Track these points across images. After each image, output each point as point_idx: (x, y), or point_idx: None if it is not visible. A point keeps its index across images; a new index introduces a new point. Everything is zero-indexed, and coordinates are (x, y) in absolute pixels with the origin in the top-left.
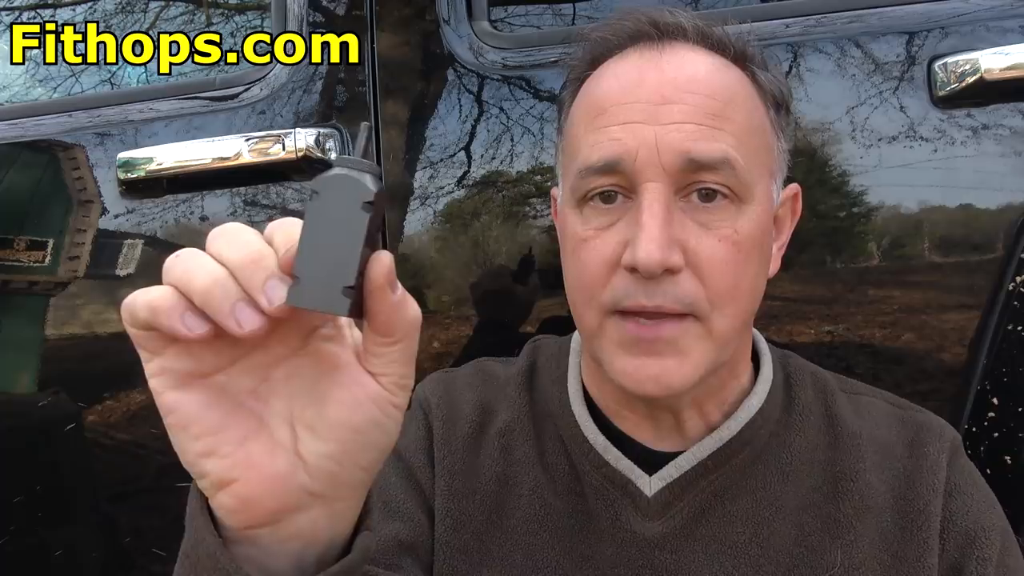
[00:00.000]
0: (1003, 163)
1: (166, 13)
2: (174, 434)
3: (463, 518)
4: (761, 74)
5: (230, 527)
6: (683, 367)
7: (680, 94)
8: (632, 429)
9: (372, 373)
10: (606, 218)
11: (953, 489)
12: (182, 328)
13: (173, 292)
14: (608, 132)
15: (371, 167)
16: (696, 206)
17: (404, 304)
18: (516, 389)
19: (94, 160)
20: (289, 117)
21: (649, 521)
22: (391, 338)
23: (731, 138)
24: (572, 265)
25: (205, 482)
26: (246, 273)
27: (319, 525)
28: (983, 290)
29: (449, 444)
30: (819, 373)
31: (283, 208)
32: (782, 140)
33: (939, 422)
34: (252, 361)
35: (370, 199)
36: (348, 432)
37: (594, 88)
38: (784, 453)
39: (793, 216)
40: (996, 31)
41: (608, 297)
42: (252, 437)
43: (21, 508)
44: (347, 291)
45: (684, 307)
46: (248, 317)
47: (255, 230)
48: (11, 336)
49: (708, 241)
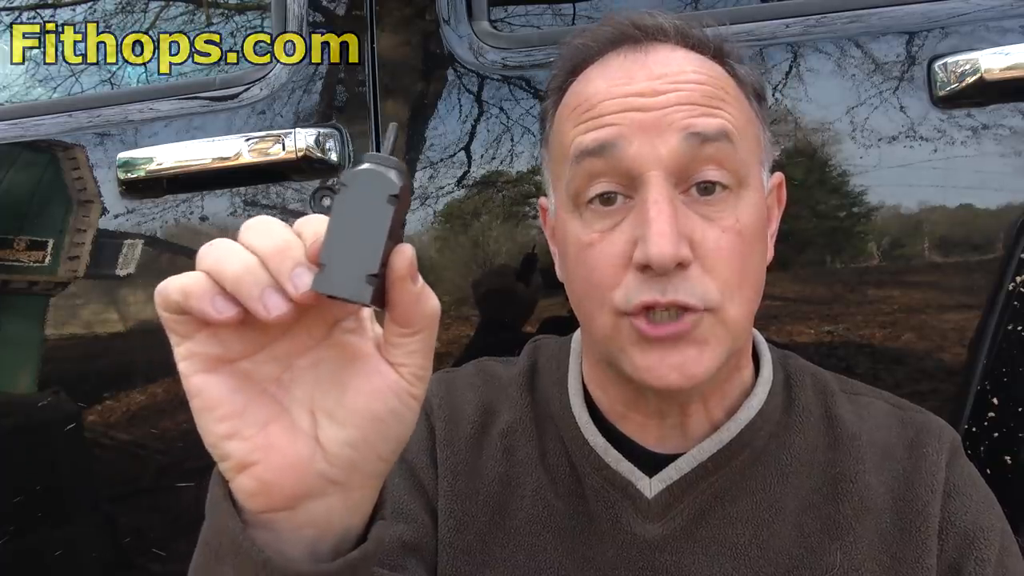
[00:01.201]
0: (1003, 163)
1: (166, 13)
2: (199, 416)
3: (466, 519)
4: (739, 68)
5: (249, 511)
6: (703, 356)
7: (673, 85)
8: (634, 431)
9: (392, 363)
10: (608, 220)
11: (952, 490)
12: (212, 311)
13: (206, 277)
14: (600, 120)
15: (397, 163)
16: (696, 200)
17: (424, 295)
18: (518, 390)
19: (94, 160)
20: (289, 117)
21: (649, 523)
22: (411, 328)
23: (729, 116)
24: (578, 270)
25: (227, 464)
26: (275, 261)
27: (335, 513)
28: (983, 290)
29: (452, 444)
30: (819, 374)
31: (283, 208)
32: (765, 131)
33: (939, 423)
34: (277, 349)
35: (395, 192)
36: (367, 420)
37: (580, 90)
38: (784, 454)
39: (779, 204)
40: (996, 31)
41: (620, 297)
42: (274, 422)
43: (21, 508)
44: (370, 280)
45: (697, 300)
46: (275, 302)
47: (285, 223)
48: (11, 336)
49: (713, 233)
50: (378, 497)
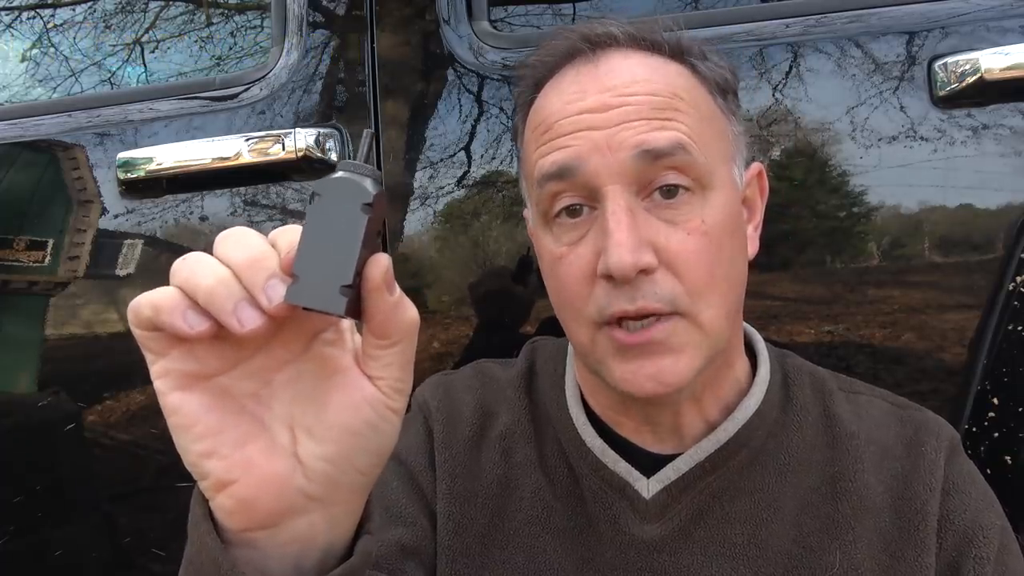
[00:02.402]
0: (1003, 163)
1: (166, 13)
2: (176, 435)
3: (465, 521)
4: (701, 64)
5: (230, 529)
6: (679, 363)
7: (622, 98)
8: (630, 433)
9: (369, 376)
10: (575, 232)
11: (951, 488)
12: (184, 325)
13: (177, 291)
14: (558, 142)
15: (372, 171)
16: (659, 203)
17: (401, 306)
18: (516, 392)
19: (94, 160)
20: (289, 117)
21: (647, 524)
22: (388, 340)
23: (682, 126)
24: (552, 283)
25: (206, 483)
26: (248, 273)
27: (317, 529)
28: (983, 290)
29: (450, 447)
30: (817, 372)
31: (283, 208)
32: (735, 124)
33: (937, 421)
34: (254, 364)
35: (369, 201)
36: (344, 435)
37: (540, 108)
38: (782, 454)
39: (762, 194)
40: (996, 31)
41: (593, 309)
42: (252, 439)
43: (21, 508)
44: (344, 290)
45: (666, 304)
46: (249, 316)
47: (260, 233)
48: (11, 336)
49: (677, 236)
50: (364, 511)
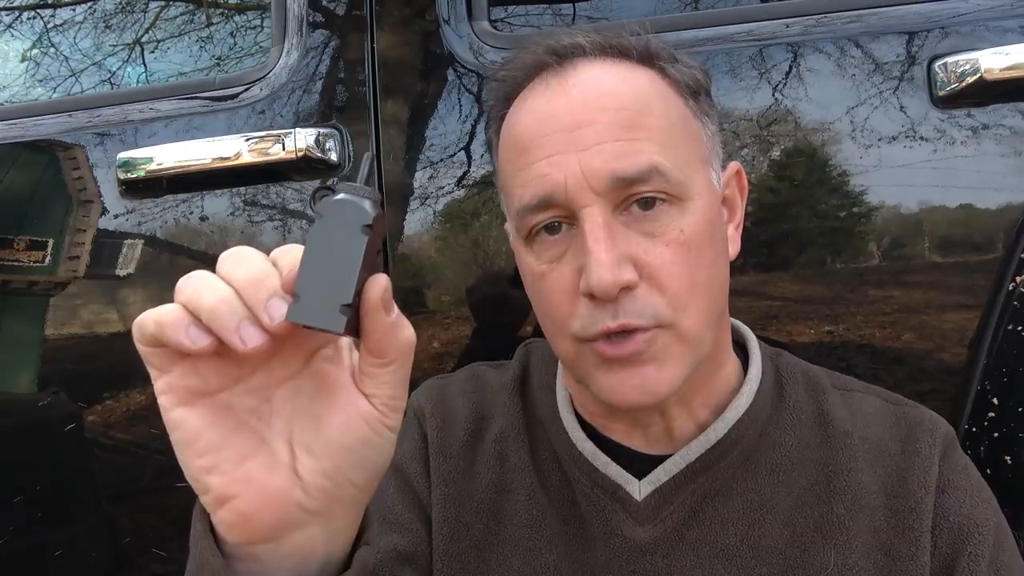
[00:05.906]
0: (1003, 163)
1: (166, 13)
2: (179, 449)
3: (460, 526)
4: (670, 67)
5: (231, 544)
6: (663, 373)
7: (592, 114)
8: (621, 436)
9: (365, 394)
10: (555, 250)
11: (945, 485)
12: (186, 341)
13: (181, 309)
14: (534, 169)
15: (372, 193)
16: (638, 216)
17: (399, 326)
18: (509, 396)
19: (94, 160)
20: (289, 117)
21: (639, 526)
22: (384, 359)
23: (653, 144)
24: (536, 299)
25: (207, 498)
26: (251, 292)
27: (316, 542)
28: (983, 290)
29: (445, 452)
30: (811, 371)
31: (283, 208)
32: (709, 125)
33: (932, 417)
34: (255, 381)
35: (369, 222)
36: (340, 450)
37: (512, 126)
38: (774, 453)
39: (742, 193)
40: (996, 31)
41: (577, 326)
42: (252, 455)
43: (21, 508)
44: (344, 309)
45: (648, 320)
46: (251, 334)
47: (262, 253)
48: (11, 336)
49: (656, 249)
50: (361, 521)
